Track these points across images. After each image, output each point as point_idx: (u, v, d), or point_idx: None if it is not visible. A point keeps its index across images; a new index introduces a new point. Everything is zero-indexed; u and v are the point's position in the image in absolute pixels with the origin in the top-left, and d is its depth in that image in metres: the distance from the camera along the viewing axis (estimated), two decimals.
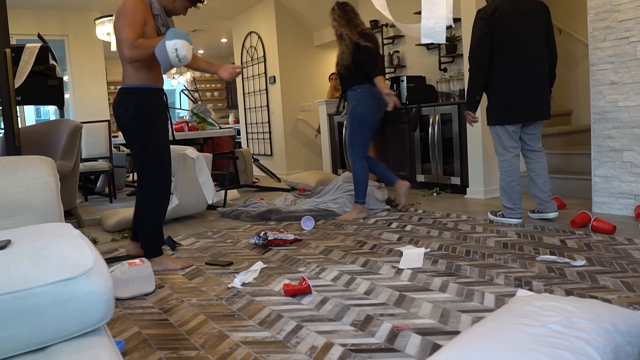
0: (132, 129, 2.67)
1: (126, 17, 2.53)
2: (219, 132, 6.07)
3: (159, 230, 2.79)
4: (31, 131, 4.37)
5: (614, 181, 3.53)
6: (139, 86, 2.65)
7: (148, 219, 2.75)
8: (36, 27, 6.68)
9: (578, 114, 5.66)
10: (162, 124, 2.74)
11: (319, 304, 2.10)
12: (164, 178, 2.75)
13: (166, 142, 2.77)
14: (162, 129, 2.74)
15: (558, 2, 5.48)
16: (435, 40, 2.91)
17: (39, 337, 0.89)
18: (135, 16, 2.53)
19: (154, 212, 2.75)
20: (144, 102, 2.65)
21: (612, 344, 1.17)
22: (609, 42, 3.46)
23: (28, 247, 0.98)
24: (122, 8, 2.57)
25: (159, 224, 2.78)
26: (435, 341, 1.69)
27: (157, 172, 2.72)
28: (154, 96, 2.70)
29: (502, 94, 3.27)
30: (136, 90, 2.65)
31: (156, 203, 2.75)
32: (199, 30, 9.32)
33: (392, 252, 2.88)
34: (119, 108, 2.69)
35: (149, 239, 2.76)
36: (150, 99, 2.67)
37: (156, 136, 2.69)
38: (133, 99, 2.64)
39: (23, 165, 1.58)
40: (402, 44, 6.16)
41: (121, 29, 2.52)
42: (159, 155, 2.71)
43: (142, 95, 2.65)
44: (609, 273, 2.29)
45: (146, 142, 2.67)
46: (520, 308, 1.34)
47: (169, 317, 2.07)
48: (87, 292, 0.90)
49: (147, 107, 2.65)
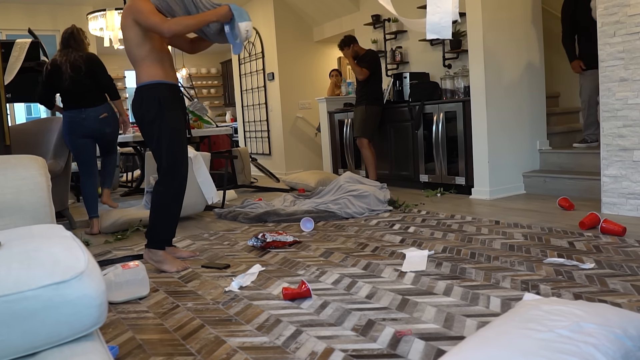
0: (146, 124, 2.78)
1: (143, 10, 2.65)
2: (215, 130, 6.07)
3: (170, 222, 2.86)
4: (21, 129, 4.37)
5: (624, 181, 3.54)
6: (150, 82, 2.75)
7: (164, 208, 2.82)
8: (27, 22, 6.68)
9: None
10: (174, 117, 2.80)
11: (319, 308, 2.11)
12: (179, 171, 2.81)
13: (181, 135, 2.84)
14: (175, 121, 2.80)
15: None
16: (441, 35, 2.91)
17: (30, 342, 0.89)
18: (153, 9, 2.67)
19: (167, 205, 2.82)
20: (154, 95, 2.74)
21: (622, 350, 1.17)
22: (619, 37, 3.46)
23: (18, 249, 0.98)
24: (133, 7, 2.68)
25: (173, 214, 2.84)
26: (439, 347, 1.69)
27: (172, 166, 2.79)
28: (165, 90, 2.78)
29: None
30: (147, 87, 2.75)
31: (171, 195, 2.81)
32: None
33: (394, 254, 2.88)
34: (134, 106, 2.81)
35: (156, 229, 2.82)
36: (160, 93, 2.75)
37: (168, 129, 2.76)
38: (144, 95, 2.75)
39: (13, 165, 1.58)
40: (405, 40, 6.17)
41: (146, 19, 2.64)
42: (174, 148, 2.78)
43: (153, 90, 2.75)
44: (619, 276, 2.29)
45: (161, 135, 2.76)
46: (527, 312, 1.34)
47: (164, 322, 2.08)
48: (79, 295, 0.91)
49: (157, 100, 2.73)
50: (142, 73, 2.76)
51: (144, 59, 2.74)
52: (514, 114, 4.61)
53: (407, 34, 6.12)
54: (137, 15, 2.67)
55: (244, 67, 8.64)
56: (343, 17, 7.15)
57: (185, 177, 2.86)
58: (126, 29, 2.74)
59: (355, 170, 6.08)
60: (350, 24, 7.01)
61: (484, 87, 4.41)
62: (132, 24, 2.70)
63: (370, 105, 5.28)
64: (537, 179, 4.60)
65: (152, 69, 2.75)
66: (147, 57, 2.74)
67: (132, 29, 2.71)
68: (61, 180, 4.05)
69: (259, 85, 8.21)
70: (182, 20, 2.68)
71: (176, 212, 2.88)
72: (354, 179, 4.60)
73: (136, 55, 2.75)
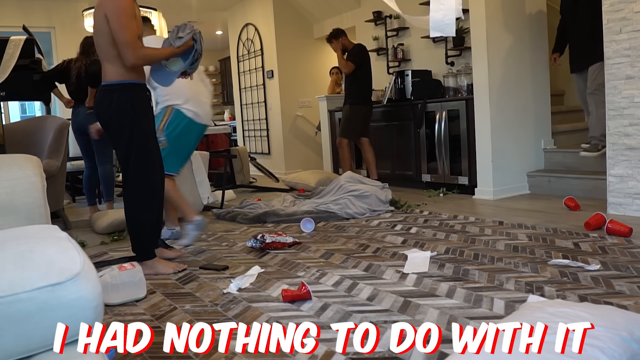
0: (115, 127, 2.65)
1: (122, 16, 2.49)
2: (213, 129, 6.08)
3: (148, 233, 2.76)
4: (16, 128, 4.37)
5: (630, 181, 3.53)
6: (121, 82, 2.61)
7: (136, 221, 2.73)
8: (21, 19, 6.67)
9: None
10: (147, 121, 2.72)
11: (319, 311, 2.11)
12: (152, 179, 2.73)
13: (153, 140, 2.76)
14: (148, 126, 2.72)
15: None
16: (445, 33, 2.91)
17: (24, 345, 0.89)
18: (130, 13, 2.52)
19: (141, 215, 2.72)
20: (126, 97, 2.62)
21: (628, 353, 1.17)
22: (625, 34, 3.46)
23: (13, 250, 0.98)
24: (113, 3, 2.51)
25: (148, 226, 2.75)
26: (442, 350, 1.69)
27: (143, 173, 2.70)
28: (137, 91, 2.67)
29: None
30: (117, 87, 2.62)
31: (143, 205, 2.72)
32: (193, 22, 9.30)
33: (396, 255, 2.88)
34: (99, 107, 2.66)
35: (138, 241, 2.75)
36: (133, 95, 2.64)
37: (141, 133, 2.67)
38: (115, 96, 2.61)
39: (7, 165, 1.58)
40: (407, 37, 6.17)
41: (119, 31, 2.49)
42: (145, 154, 2.69)
43: (124, 91, 2.62)
44: (625, 278, 2.28)
45: (131, 141, 2.65)
46: (532, 315, 1.34)
47: (161, 325, 2.08)
48: (75, 298, 0.90)
49: (130, 103, 2.62)
50: (113, 70, 2.59)
51: (117, 56, 2.57)
52: (518, 112, 4.61)
53: (409, 31, 6.12)
54: (111, 15, 2.50)
55: (243, 65, 8.64)
56: (344, 14, 7.15)
57: (158, 187, 2.76)
58: (99, 23, 2.56)
59: (356, 170, 6.08)
60: (351, 21, 7.01)
61: (487, 85, 4.40)
62: (106, 21, 2.53)
63: (355, 105, 5.21)
64: (541, 178, 4.59)
65: (122, 67, 2.58)
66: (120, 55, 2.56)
67: (107, 25, 2.53)
68: (56, 180, 4.05)
69: (258, 83, 8.21)
70: (153, 55, 2.64)
71: (152, 216, 2.75)
72: (355, 179, 4.60)
73: (108, 52, 2.58)
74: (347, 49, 5.25)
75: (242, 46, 8.53)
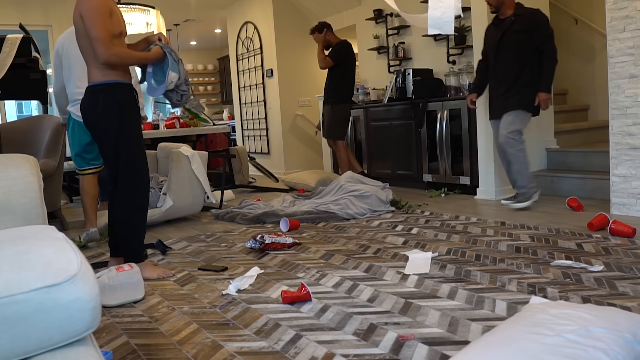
0: (102, 129, 2.64)
1: (93, 13, 2.49)
2: (212, 128, 6.07)
3: (137, 235, 2.74)
4: (12, 128, 4.37)
5: (634, 181, 3.53)
6: (106, 82, 2.60)
7: (125, 223, 2.71)
8: (18, 17, 6.68)
9: (596, 110, 5.66)
10: (134, 122, 2.70)
11: (319, 312, 2.11)
12: (141, 180, 2.72)
13: (140, 141, 2.75)
14: (135, 127, 2.71)
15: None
16: (443, 31, 2.91)
17: (21, 347, 0.89)
18: (102, 11, 2.51)
19: (130, 216, 2.71)
20: (112, 98, 2.60)
21: (631, 355, 1.18)
22: (629, 32, 3.46)
23: (9, 251, 0.98)
24: (87, 2, 2.52)
25: (137, 228, 2.73)
26: (443, 352, 1.69)
27: (132, 175, 2.68)
28: (123, 91, 2.65)
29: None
30: (103, 87, 2.60)
31: (133, 207, 2.71)
32: (191, 20, 9.32)
33: (397, 256, 2.88)
34: (86, 109, 2.65)
35: (126, 243, 2.72)
36: (119, 95, 2.63)
37: (129, 135, 2.65)
38: (101, 97, 2.60)
39: (3, 164, 1.58)
40: (408, 35, 6.16)
41: (91, 27, 2.49)
42: (133, 156, 2.68)
43: (110, 91, 2.61)
44: (629, 279, 2.29)
45: (118, 143, 2.64)
46: (534, 316, 1.34)
47: (159, 326, 2.08)
48: (72, 299, 0.91)
49: (117, 103, 2.61)
50: (97, 71, 2.58)
51: None
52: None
53: (410, 30, 6.12)
54: (85, 14, 2.50)
55: (242, 64, 8.64)
56: (344, 12, 7.15)
57: (147, 187, 2.77)
58: (78, 24, 2.58)
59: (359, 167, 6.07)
60: (351, 19, 7.01)
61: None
62: (82, 20, 2.54)
63: (337, 104, 5.21)
64: (544, 178, 4.59)
65: (108, 67, 2.57)
66: None
67: (84, 25, 2.54)
68: (53, 180, 4.05)
69: (257, 82, 8.21)
70: (125, 54, 2.60)
71: (142, 218, 2.76)
72: (355, 179, 4.61)
73: (90, 52, 2.57)
74: (332, 44, 5.24)
75: (241, 45, 8.53)
